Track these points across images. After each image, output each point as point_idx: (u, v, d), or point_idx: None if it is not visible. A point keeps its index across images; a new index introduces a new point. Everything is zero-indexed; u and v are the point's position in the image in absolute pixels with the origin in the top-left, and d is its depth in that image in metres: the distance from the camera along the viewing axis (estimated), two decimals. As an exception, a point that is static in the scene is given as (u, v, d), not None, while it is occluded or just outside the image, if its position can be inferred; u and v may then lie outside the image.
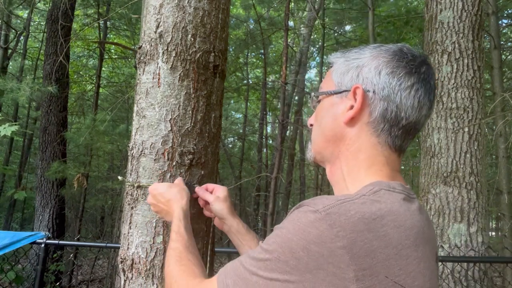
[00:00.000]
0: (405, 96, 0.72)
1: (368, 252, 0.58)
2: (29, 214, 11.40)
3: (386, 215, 0.62)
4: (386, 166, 0.74)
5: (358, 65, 0.76)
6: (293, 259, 0.59)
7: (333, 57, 0.83)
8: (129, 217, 1.10)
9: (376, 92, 0.73)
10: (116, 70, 11.51)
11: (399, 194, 0.68)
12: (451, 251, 2.90)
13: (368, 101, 0.73)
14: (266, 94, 9.37)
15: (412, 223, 0.64)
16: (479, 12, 3.20)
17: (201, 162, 1.11)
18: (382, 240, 0.60)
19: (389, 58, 0.74)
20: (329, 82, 0.81)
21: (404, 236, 0.62)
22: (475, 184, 3.01)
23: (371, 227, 0.60)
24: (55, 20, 6.46)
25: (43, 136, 6.61)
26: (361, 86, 0.73)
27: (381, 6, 8.05)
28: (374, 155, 0.74)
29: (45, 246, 2.32)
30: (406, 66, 0.74)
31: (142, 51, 1.14)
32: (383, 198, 0.65)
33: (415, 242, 0.63)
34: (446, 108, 3.13)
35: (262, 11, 9.51)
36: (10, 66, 10.61)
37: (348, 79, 0.76)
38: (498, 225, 13.65)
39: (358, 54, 0.78)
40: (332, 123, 0.78)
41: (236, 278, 0.67)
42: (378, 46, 0.77)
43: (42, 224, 6.37)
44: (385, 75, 0.73)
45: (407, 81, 0.73)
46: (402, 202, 0.66)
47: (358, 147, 0.75)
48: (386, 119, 0.73)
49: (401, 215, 0.64)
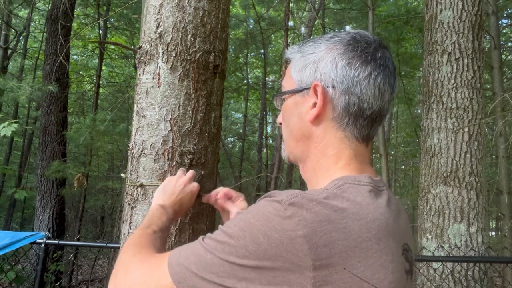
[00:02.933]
0: (364, 86, 0.72)
1: (327, 243, 0.58)
2: (29, 214, 11.40)
3: (348, 208, 0.62)
4: (354, 159, 0.74)
5: (315, 60, 0.75)
6: (253, 244, 0.59)
7: (290, 53, 0.81)
8: (129, 217, 1.10)
9: (336, 86, 0.72)
10: (116, 70, 11.52)
11: (365, 186, 0.68)
12: (451, 251, 2.90)
13: (329, 97, 0.73)
14: (266, 94, 9.37)
15: (375, 216, 0.64)
16: (479, 12, 3.20)
17: (201, 162, 1.11)
18: (341, 232, 0.60)
19: (343, 49, 0.73)
20: (289, 80, 0.80)
21: (365, 229, 0.62)
22: (475, 184, 3.01)
23: (332, 218, 0.60)
24: (55, 20, 6.46)
25: (43, 136, 6.61)
26: (320, 82, 0.73)
27: (381, 6, 8.05)
28: (342, 150, 0.74)
29: (45, 246, 2.32)
30: (361, 55, 0.73)
31: (142, 51, 1.14)
32: (346, 192, 0.65)
33: (377, 235, 0.63)
34: (446, 108, 3.13)
35: (262, 11, 9.51)
36: (10, 66, 10.61)
37: (307, 75, 0.75)
38: (498, 225, 13.65)
39: (313, 48, 0.76)
40: (298, 123, 0.78)
41: (189, 253, 0.67)
42: (332, 36, 0.76)
43: (42, 224, 6.37)
44: (342, 68, 0.72)
45: (364, 71, 0.72)
46: (367, 195, 0.66)
47: (325, 144, 0.75)
48: (349, 113, 0.73)
49: (364, 208, 0.64)
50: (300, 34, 10.31)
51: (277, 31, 9.70)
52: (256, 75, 13.46)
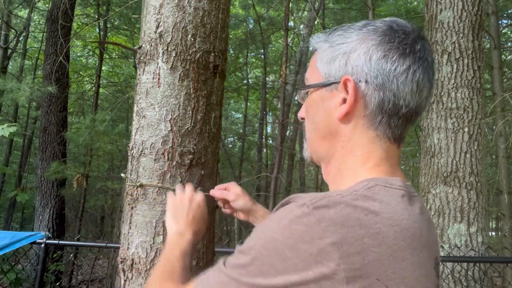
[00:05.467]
0: (402, 81, 0.64)
1: (359, 250, 0.52)
2: (29, 214, 11.40)
3: (381, 212, 0.56)
4: (385, 161, 0.67)
5: (345, 51, 0.67)
6: (280, 261, 0.54)
7: (316, 41, 0.74)
8: (129, 217, 1.10)
9: (369, 81, 0.65)
10: (116, 70, 11.52)
11: (397, 190, 0.62)
12: (451, 251, 2.90)
13: (361, 93, 0.66)
14: (266, 94, 9.37)
15: (409, 223, 0.58)
16: (479, 12, 3.19)
17: (201, 162, 1.11)
18: (375, 237, 0.54)
19: (379, 40, 0.66)
20: (315, 72, 0.73)
21: (400, 236, 0.56)
22: (475, 184, 3.01)
23: (363, 222, 0.54)
24: (55, 20, 6.46)
25: (43, 136, 6.61)
26: (352, 77, 0.66)
27: (381, 6, 8.05)
28: (372, 150, 0.67)
29: (45, 246, 2.32)
30: (398, 47, 0.65)
31: (142, 51, 1.14)
32: (378, 195, 0.59)
33: (412, 245, 0.57)
34: (446, 108, 3.13)
35: (262, 11, 9.51)
36: (10, 66, 10.60)
37: (336, 68, 0.68)
38: (498, 225, 13.65)
39: (343, 37, 0.69)
40: (325, 120, 0.71)
41: (212, 282, 0.62)
42: (364, 25, 0.69)
43: (42, 224, 6.37)
44: (377, 61, 0.65)
45: (402, 64, 0.64)
46: (400, 199, 0.60)
47: (354, 143, 0.68)
48: (383, 110, 0.65)
49: (398, 213, 0.58)
50: (300, 34, 10.31)
51: (277, 31, 9.70)
52: (256, 75, 13.45)
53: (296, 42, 11.30)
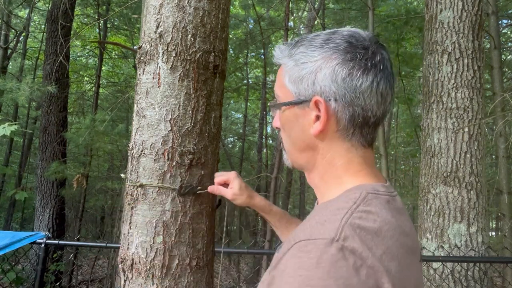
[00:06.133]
0: (367, 95, 0.69)
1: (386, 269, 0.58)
2: (29, 214, 11.40)
3: (382, 226, 0.62)
4: (364, 165, 0.73)
5: (311, 70, 0.70)
6: None
7: (280, 57, 0.76)
8: (129, 217, 1.10)
9: (338, 100, 0.69)
10: (116, 70, 11.52)
11: (383, 197, 0.68)
12: (451, 251, 2.90)
13: (332, 111, 0.69)
14: (266, 94, 9.36)
15: (401, 229, 0.65)
16: (479, 12, 3.19)
17: (201, 162, 1.11)
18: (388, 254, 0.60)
19: (342, 58, 0.69)
20: (284, 90, 0.76)
21: (399, 244, 0.63)
22: (475, 184, 3.01)
23: (377, 243, 0.59)
24: (55, 20, 6.46)
25: (43, 136, 6.62)
26: (321, 97, 0.69)
27: (381, 6, 8.05)
28: (351, 158, 0.73)
29: (45, 246, 2.32)
30: (360, 63, 0.68)
31: (142, 51, 1.14)
32: (372, 206, 0.64)
33: (406, 249, 0.64)
34: (446, 108, 3.13)
35: (262, 11, 9.51)
36: (10, 66, 10.60)
37: (305, 87, 0.71)
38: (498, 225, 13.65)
39: (306, 56, 0.71)
40: (301, 135, 0.75)
41: None
42: (325, 41, 0.71)
43: (42, 224, 6.37)
44: (343, 80, 0.68)
45: (366, 80, 0.68)
46: (388, 207, 0.66)
47: (332, 155, 0.73)
48: (355, 124, 0.70)
49: (392, 223, 0.64)
50: (300, 34, 10.31)
51: (277, 31, 9.70)
52: (256, 75, 13.45)
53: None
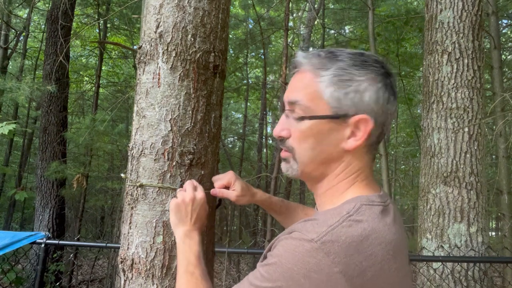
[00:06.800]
0: (392, 118, 0.78)
1: (359, 272, 0.63)
2: (29, 214, 11.39)
3: (370, 234, 0.66)
4: (368, 175, 0.79)
5: (357, 89, 0.74)
6: (296, 286, 0.64)
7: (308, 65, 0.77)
8: (129, 217, 1.10)
9: (376, 119, 0.75)
10: (116, 70, 11.51)
11: (377, 207, 0.72)
12: (451, 251, 2.90)
13: (369, 129, 0.75)
14: (266, 94, 9.36)
15: (390, 237, 0.69)
16: (479, 12, 3.19)
17: (201, 162, 1.11)
18: (369, 259, 0.65)
19: (383, 83, 0.75)
20: (318, 102, 0.75)
21: (385, 251, 0.67)
22: (475, 184, 3.01)
23: (360, 249, 0.65)
24: (55, 20, 6.46)
25: (43, 136, 6.61)
26: (366, 115, 0.74)
27: (381, 6, 8.04)
28: (363, 169, 0.78)
29: (45, 246, 2.32)
30: (392, 90, 0.76)
31: (142, 51, 1.14)
32: (364, 216, 0.69)
33: (394, 255, 0.68)
34: (446, 108, 3.13)
35: (262, 11, 9.50)
36: (10, 66, 10.59)
37: (347, 104, 0.74)
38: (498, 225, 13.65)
39: (349, 74, 0.74)
40: (329, 149, 0.77)
41: None
42: (364, 63, 0.75)
43: (42, 224, 6.37)
44: (383, 102, 0.74)
45: (393, 105, 0.76)
46: (381, 216, 0.70)
47: (353, 167, 0.78)
48: (379, 141, 0.78)
49: (381, 231, 0.68)
50: (300, 34, 10.30)
51: (277, 31, 9.69)
52: (256, 75, 13.45)
53: (296, 42, 11.29)
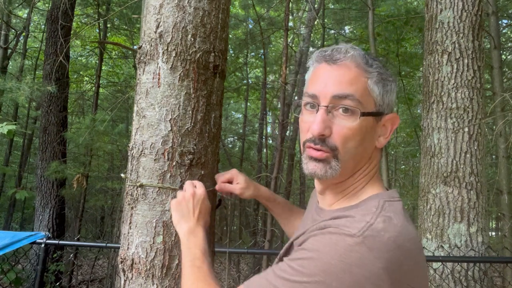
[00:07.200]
0: None
1: (398, 267, 0.65)
2: (29, 214, 11.39)
3: (402, 231, 0.68)
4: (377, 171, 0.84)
5: (392, 89, 0.80)
6: (336, 281, 0.63)
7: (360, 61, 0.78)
8: (129, 217, 1.10)
9: None
10: (116, 70, 11.51)
11: (398, 202, 0.75)
12: (451, 251, 2.90)
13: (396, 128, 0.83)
14: (266, 94, 9.36)
15: (415, 231, 0.71)
16: (479, 12, 3.19)
17: (201, 162, 1.11)
18: (406, 254, 0.66)
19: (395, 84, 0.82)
20: (368, 99, 0.77)
21: (415, 245, 0.69)
22: (475, 184, 3.01)
23: (398, 244, 0.66)
24: (55, 20, 6.46)
25: (43, 136, 6.61)
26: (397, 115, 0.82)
27: (381, 6, 8.04)
28: (378, 166, 0.84)
29: (45, 246, 2.32)
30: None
31: (142, 51, 1.14)
32: (391, 212, 0.71)
33: (420, 247, 0.71)
34: (446, 108, 3.13)
35: (262, 11, 9.50)
36: (10, 66, 10.59)
37: (386, 102, 0.80)
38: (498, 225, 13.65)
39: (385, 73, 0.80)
40: (369, 146, 0.81)
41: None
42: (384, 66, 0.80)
43: (42, 224, 6.37)
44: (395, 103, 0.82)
45: None
46: (403, 212, 0.73)
47: (374, 164, 0.82)
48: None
49: (408, 226, 0.70)
50: (300, 34, 10.30)
51: (277, 31, 9.69)
52: (256, 75, 13.45)
53: (296, 42, 11.29)
